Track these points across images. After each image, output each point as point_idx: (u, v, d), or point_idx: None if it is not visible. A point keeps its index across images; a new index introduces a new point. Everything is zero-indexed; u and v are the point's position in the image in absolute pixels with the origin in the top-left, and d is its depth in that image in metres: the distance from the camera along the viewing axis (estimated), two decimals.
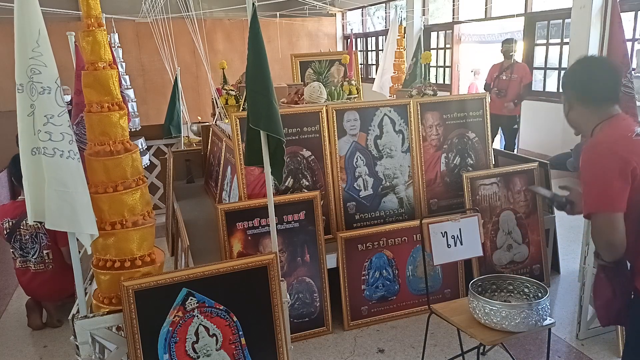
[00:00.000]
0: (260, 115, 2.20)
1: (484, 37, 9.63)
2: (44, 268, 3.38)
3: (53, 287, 3.40)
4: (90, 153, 2.07)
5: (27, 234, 3.34)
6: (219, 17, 11.15)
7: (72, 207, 1.88)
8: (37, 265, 3.38)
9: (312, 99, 3.71)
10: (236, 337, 2.22)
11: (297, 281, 3.12)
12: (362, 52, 12.14)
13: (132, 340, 2.05)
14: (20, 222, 3.34)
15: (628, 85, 2.89)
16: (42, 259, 3.37)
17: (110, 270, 2.10)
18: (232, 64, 9.87)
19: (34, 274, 3.40)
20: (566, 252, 4.08)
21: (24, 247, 3.36)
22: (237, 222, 2.96)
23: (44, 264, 3.38)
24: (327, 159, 3.31)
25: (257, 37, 2.18)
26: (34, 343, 3.29)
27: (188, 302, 2.14)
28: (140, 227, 2.11)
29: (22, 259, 3.39)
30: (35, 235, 3.33)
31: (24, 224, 3.33)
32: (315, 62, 5.08)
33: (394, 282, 3.31)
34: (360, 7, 11.80)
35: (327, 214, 3.28)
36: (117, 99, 2.07)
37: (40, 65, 1.79)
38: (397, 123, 3.44)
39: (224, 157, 3.78)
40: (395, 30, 7.04)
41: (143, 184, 2.15)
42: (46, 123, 1.81)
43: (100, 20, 2.03)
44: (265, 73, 2.20)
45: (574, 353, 2.95)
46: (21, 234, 3.34)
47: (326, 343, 3.12)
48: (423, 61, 4.34)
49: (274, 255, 2.29)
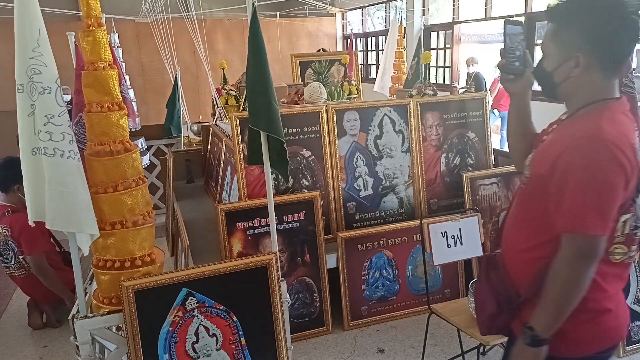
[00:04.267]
0: (260, 115, 2.20)
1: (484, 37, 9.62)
2: (25, 273, 3.37)
3: (40, 290, 3.39)
4: (90, 153, 2.07)
5: (0, 240, 3.32)
6: (219, 17, 11.14)
7: (73, 207, 1.88)
8: (19, 270, 3.38)
9: (312, 99, 3.71)
10: (236, 337, 2.22)
11: (297, 281, 3.12)
12: (362, 52, 12.13)
13: (132, 340, 2.05)
14: None
15: (629, 85, 2.89)
16: (21, 264, 3.36)
17: (110, 270, 2.10)
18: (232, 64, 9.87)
19: (19, 279, 3.41)
20: None
21: (3, 253, 3.35)
22: (237, 222, 2.96)
23: (24, 268, 3.36)
24: (327, 159, 3.31)
25: (257, 37, 2.18)
26: (34, 343, 3.29)
27: (188, 302, 2.13)
28: (140, 227, 2.11)
29: (4, 265, 3.39)
30: (5, 242, 3.32)
31: None
32: (315, 62, 5.08)
33: (394, 282, 3.31)
34: (360, 7, 11.80)
35: (327, 214, 3.28)
36: (117, 99, 2.07)
37: (40, 65, 1.79)
38: (397, 123, 3.44)
39: (224, 157, 3.78)
40: (395, 30, 7.03)
41: (143, 184, 2.15)
42: (46, 123, 1.81)
43: (100, 20, 2.03)
44: (265, 73, 2.19)
45: None
46: None
47: (326, 343, 3.12)
48: (423, 61, 4.33)
49: (274, 255, 2.29)
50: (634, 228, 1.38)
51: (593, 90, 1.38)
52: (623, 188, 1.29)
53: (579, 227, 1.30)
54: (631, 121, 1.38)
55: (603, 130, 1.30)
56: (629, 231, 1.38)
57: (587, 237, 1.30)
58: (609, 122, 1.33)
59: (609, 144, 1.28)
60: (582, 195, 1.29)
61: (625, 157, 1.28)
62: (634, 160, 1.30)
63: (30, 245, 3.25)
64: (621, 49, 1.35)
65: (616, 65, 1.38)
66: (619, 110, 1.37)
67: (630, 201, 1.35)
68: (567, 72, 1.39)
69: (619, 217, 1.34)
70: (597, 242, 1.31)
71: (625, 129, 1.34)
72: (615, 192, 1.29)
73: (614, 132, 1.30)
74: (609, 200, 1.29)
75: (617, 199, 1.29)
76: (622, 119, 1.36)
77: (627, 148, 1.29)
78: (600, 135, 1.30)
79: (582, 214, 1.30)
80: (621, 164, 1.27)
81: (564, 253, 1.33)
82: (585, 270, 1.31)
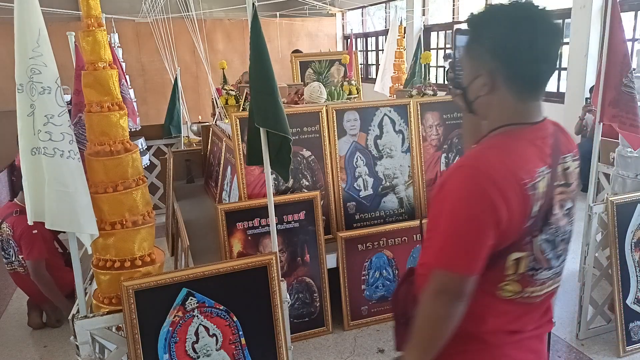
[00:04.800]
0: (267, 114, 2.20)
1: None
2: (26, 271, 3.38)
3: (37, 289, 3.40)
4: (90, 153, 2.07)
5: (3, 237, 3.34)
6: (219, 17, 11.15)
7: (72, 207, 1.88)
8: (20, 267, 3.38)
9: (312, 99, 3.71)
10: (236, 337, 2.22)
11: (297, 281, 3.12)
12: (362, 52, 12.14)
13: (132, 340, 2.05)
14: (0, 225, 3.34)
15: (629, 85, 2.89)
16: (20, 262, 3.37)
17: (110, 270, 2.10)
18: (232, 64, 9.88)
19: (22, 275, 3.41)
20: None
21: (5, 248, 3.37)
22: (237, 222, 2.95)
23: (23, 267, 3.37)
24: (327, 159, 3.30)
25: (259, 37, 2.18)
26: (34, 343, 3.29)
27: (188, 302, 2.13)
28: (140, 227, 2.11)
29: (6, 261, 3.40)
30: (7, 240, 3.34)
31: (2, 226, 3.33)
32: (315, 62, 5.08)
33: (394, 282, 3.31)
34: (360, 7, 11.80)
35: (327, 214, 3.28)
36: (117, 99, 2.07)
37: (40, 66, 1.79)
38: (397, 123, 3.44)
39: (224, 157, 3.78)
40: (395, 30, 7.03)
41: (143, 184, 2.15)
42: (46, 123, 1.81)
43: (100, 20, 2.03)
44: (269, 73, 2.20)
45: (574, 353, 2.95)
46: (2, 236, 3.34)
47: (326, 343, 3.12)
48: (423, 61, 4.34)
49: (274, 255, 2.29)
50: (531, 269, 1.21)
51: (503, 113, 1.23)
52: (493, 226, 1.13)
53: (442, 264, 1.18)
54: (540, 152, 1.20)
55: (481, 161, 1.17)
56: (525, 271, 1.21)
57: (449, 275, 1.17)
58: (498, 151, 1.18)
59: (481, 177, 1.13)
60: (447, 228, 1.17)
61: (499, 192, 1.12)
62: (514, 198, 1.13)
63: (28, 250, 3.26)
64: (532, 69, 1.18)
65: (529, 87, 1.21)
66: (527, 138, 1.20)
67: (526, 239, 1.18)
68: (476, 91, 1.24)
69: (508, 255, 1.18)
70: (459, 281, 1.16)
71: (517, 162, 1.16)
72: (480, 230, 1.14)
73: (495, 164, 1.15)
74: (473, 238, 1.14)
75: (483, 237, 1.14)
76: (522, 150, 1.19)
77: (507, 183, 1.13)
78: (476, 166, 1.16)
79: (445, 249, 1.18)
80: (490, 200, 1.12)
81: (428, 286, 1.20)
82: (447, 307, 1.17)
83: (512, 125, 1.21)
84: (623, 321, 2.90)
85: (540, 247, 1.21)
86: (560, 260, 1.28)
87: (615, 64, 2.90)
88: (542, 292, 1.27)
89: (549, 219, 1.20)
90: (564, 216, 1.25)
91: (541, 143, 1.21)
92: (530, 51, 1.16)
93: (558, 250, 1.25)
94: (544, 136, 1.23)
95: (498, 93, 1.22)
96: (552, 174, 1.20)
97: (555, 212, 1.22)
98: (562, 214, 1.24)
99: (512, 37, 1.16)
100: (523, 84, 1.20)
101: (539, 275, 1.23)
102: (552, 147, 1.22)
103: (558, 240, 1.24)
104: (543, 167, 1.19)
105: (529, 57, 1.16)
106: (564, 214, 1.24)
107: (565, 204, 1.25)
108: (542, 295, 1.27)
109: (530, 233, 1.18)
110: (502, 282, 1.21)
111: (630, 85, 2.89)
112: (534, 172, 1.16)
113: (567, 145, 1.28)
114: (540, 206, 1.17)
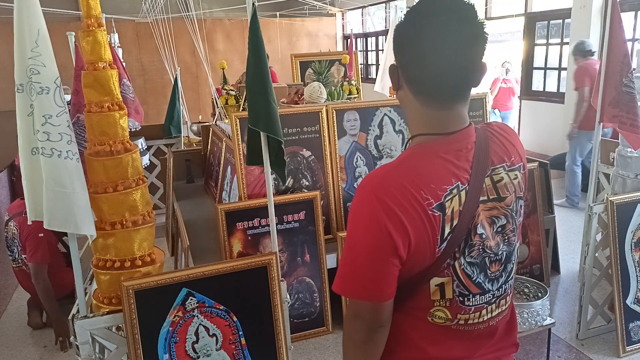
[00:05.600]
0: (259, 115, 2.20)
1: None
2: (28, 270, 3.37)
3: None
4: (90, 153, 2.06)
5: (9, 235, 3.36)
6: (219, 17, 11.16)
7: (70, 208, 1.88)
8: (24, 265, 3.38)
9: (312, 99, 3.71)
10: (236, 337, 2.22)
11: (297, 281, 3.12)
12: (362, 52, 12.14)
13: (132, 340, 2.05)
14: (9, 221, 3.35)
15: (629, 85, 2.89)
16: (23, 260, 3.37)
17: (110, 270, 2.10)
18: (232, 64, 9.89)
19: (28, 274, 3.40)
20: (566, 252, 4.08)
21: (10, 245, 3.38)
22: (237, 222, 2.95)
23: (26, 265, 3.37)
24: (327, 159, 3.30)
25: (257, 37, 2.17)
26: (34, 343, 3.29)
27: (188, 302, 2.13)
28: (140, 227, 2.11)
29: (11, 258, 3.41)
30: (13, 239, 3.34)
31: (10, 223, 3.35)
32: (315, 62, 5.08)
33: None
34: (360, 7, 11.80)
35: (327, 214, 3.28)
36: (117, 99, 2.07)
37: (39, 66, 1.79)
38: (397, 123, 3.44)
39: (224, 157, 3.78)
40: None
41: (143, 184, 2.15)
42: (44, 123, 1.81)
43: (100, 20, 2.03)
44: (264, 73, 2.19)
45: (574, 353, 2.95)
46: (8, 233, 3.36)
47: (326, 343, 3.12)
48: None
49: (274, 255, 2.29)
50: (459, 295, 1.09)
51: (414, 119, 1.11)
52: (392, 253, 1.01)
53: (349, 292, 1.07)
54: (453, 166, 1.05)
55: (377, 184, 1.03)
56: (453, 297, 1.08)
57: (358, 302, 1.07)
58: (402, 168, 1.05)
59: (375, 203, 1.00)
60: (347, 255, 1.07)
61: (396, 217, 0.99)
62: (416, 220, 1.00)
63: (32, 252, 3.25)
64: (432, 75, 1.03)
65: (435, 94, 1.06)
66: (437, 151, 1.05)
67: (443, 263, 1.06)
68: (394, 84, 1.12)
69: (429, 280, 1.06)
70: (371, 308, 1.06)
71: (421, 180, 1.01)
72: (379, 258, 1.01)
73: (392, 186, 1.00)
74: (375, 266, 1.02)
75: (384, 264, 1.01)
76: (428, 166, 1.04)
77: (406, 206, 0.99)
78: (372, 189, 1.03)
79: (348, 277, 1.07)
80: (384, 226, 0.99)
81: (347, 309, 1.13)
82: (364, 332, 1.08)
83: (423, 136, 1.08)
84: (623, 321, 2.90)
85: (463, 271, 1.07)
86: (498, 283, 1.13)
87: (615, 64, 2.89)
88: (483, 319, 1.13)
89: (470, 240, 1.06)
90: (495, 234, 1.10)
91: (454, 156, 1.05)
92: (433, 54, 1.00)
93: (492, 274, 1.11)
94: (460, 148, 1.06)
95: (409, 98, 1.09)
96: (473, 190, 1.05)
97: (480, 231, 1.07)
98: (492, 233, 1.09)
99: (413, 36, 1.03)
100: (424, 91, 1.06)
101: (471, 301, 1.10)
102: (475, 158, 1.07)
103: (489, 262, 1.10)
104: (456, 183, 1.04)
105: (430, 62, 1.02)
106: (494, 232, 1.10)
107: (497, 221, 1.10)
108: (485, 322, 1.14)
109: (447, 257, 1.05)
110: (431, 307, 1.10)
111: (631, 85, 2.89)
112: (442, 190, 1.02)
113: (500, 154, 1.12)
114: (454, 227, 1.03)
